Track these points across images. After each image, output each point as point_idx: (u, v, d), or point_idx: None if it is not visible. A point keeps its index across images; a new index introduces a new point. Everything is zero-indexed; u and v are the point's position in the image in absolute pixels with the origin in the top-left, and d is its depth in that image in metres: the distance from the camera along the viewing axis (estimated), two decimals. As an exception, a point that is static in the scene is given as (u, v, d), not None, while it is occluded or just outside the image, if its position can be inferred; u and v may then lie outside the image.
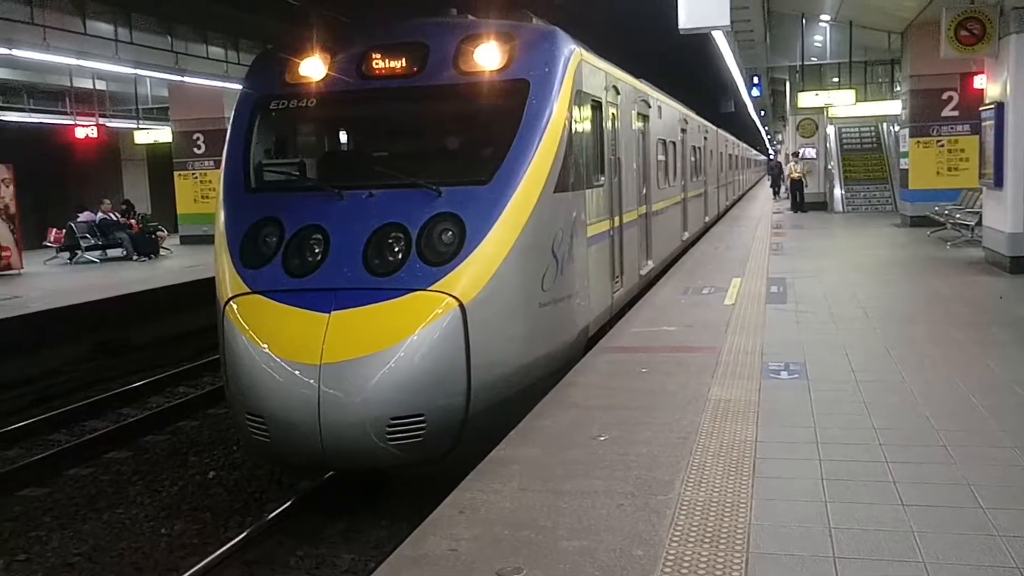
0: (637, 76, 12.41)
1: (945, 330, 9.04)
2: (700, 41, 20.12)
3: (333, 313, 6.09)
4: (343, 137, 8.31)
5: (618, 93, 10.12)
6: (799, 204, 28.74)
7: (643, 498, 4.67)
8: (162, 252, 22.36)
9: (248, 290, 6.56)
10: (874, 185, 29.83)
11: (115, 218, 22.11)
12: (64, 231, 21.42)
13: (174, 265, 19.92)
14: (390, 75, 7.44)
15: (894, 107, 25.10)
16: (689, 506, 4.54)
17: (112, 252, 21.75)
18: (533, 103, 7.19)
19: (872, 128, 31.62)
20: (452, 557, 4.10)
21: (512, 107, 7.15)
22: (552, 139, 7.17)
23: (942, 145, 21.12)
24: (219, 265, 6.96)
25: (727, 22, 9.88)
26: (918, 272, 13.84)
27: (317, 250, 6.58)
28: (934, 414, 6.01)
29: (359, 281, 6.34)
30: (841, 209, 29.07)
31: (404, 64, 7.40)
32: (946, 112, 20.95)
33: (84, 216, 21.62)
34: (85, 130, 24.83)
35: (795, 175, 29.19)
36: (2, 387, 11.84)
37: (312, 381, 5.85)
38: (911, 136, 21.48)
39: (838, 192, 29.85)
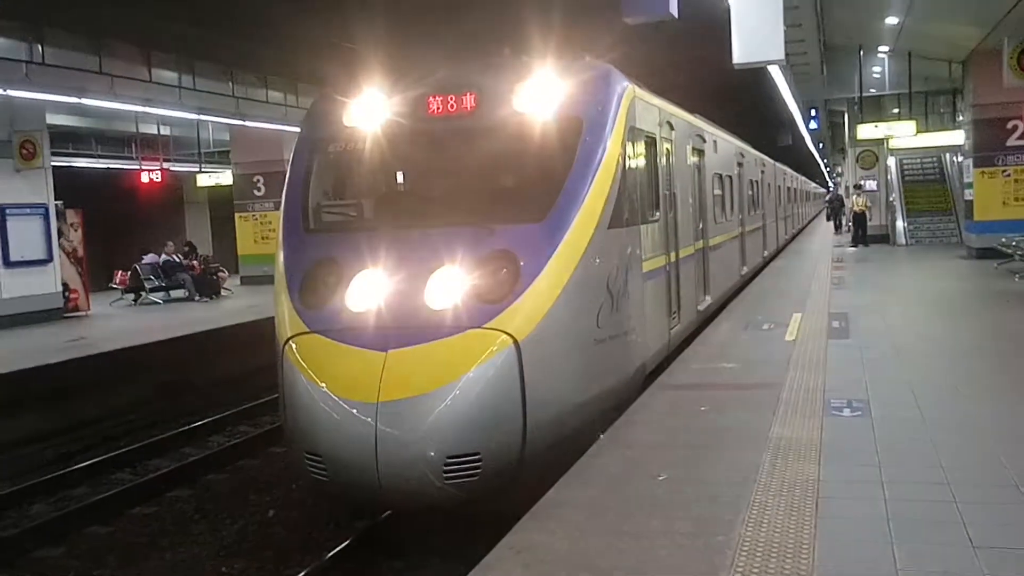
0: (692, 111, 12.39)
1: (1015, 365, 8.79)
2: (756, 75, 20.05)
3: (390, 352, 6.12)
4: (399, 178, 8.39)
5: (672, 128, 10.10)
6: (862, 238, 28.15)
7: (703, 538, 4.59)
8: (223, 292, 22.79)
9: (307, 330, 6.63)
10: (938, 217, 29.28)
11: (178, 260, 22.61)
12: (129, 273, 21.95)
13: (235, 305, 20.24)
14: (445, 116, 7.51)
15: (957, 137, 24.68)
16: (751, 546, 4.45)
17: (175, 293, 22.21)
18: (587, 141, 7.22)
19: (934, 159, 31.11)
20: (509, 598, 4.07)
21: (566, 145, 7.18)
22: (606, 176, 7.17)
23: (1008, 175, 20.69)
24: (279, 305, 7.05)
25: (781, 56, 9.85)
26: (985, 305, 13.51)
27: (374, 289, 6.63)
28: (1005, 452, 5.83)
29: (415, 319, 6.37)
30: (904, 242, 28.54)
31: (458, 105, 7.47)
32: (1011, 141, 20.56)
33: (148, 258, 22.14)
34: (150, 174, 25.53)
35: (858, 208, 28.51)
36: (70, 427, 12.10)
37: (369, 420, 5.87)
38: (975, 166, 21.08)
39: (900, 224, 29.31)
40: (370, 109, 7.66)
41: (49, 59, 16.38)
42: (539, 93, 7.27)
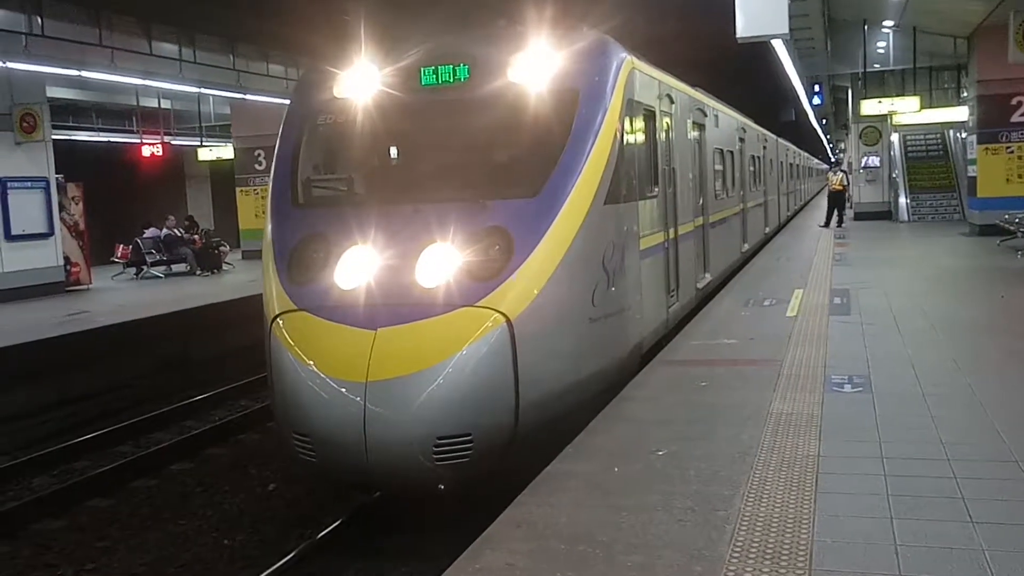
0: (693, 85, 12.29)
1: (1016, 342, 8.76)
2: (759, 50, 19.90)
3: (379, 330, 5.99)
4: (390, 151, 8.25)
5: (672, 102, 9.98)
6: (838, 217, 26.73)
7: (703, 513, 4.59)
8: (224, 267, 22.78)
9: (295, 307, 6.50)
10: (940, 193, 29.16)
11: (179, 234, 22.60)
12: (131, 247, 21.95)
13: (236, 280, 20.23)
14: (438, 88, 7.35)
15: (961, 113, 24.53)
16: (750, 521, 4.45)
17: (176, 267, 22.23)
18: (583, 113, 7.06)
19: (938, 135, 30.96)
20: (508, 572, 4.07)
21: (561, 118, 7.02)
22: (602, 150, 7.03)
23: (1012, 152, 20.60)
24: (266, 282, 6.92)
25: (786, 30, 9.76)
26: (987, 282, 13.48)
27: (364, 266, 6.48)
28: (1005, 428, 5.82)
29: (405, 297, 6.23)
30: (906, 218, 28.45)
31: (452, 76, 7.30)
32: (1015, 118, 20.46)
33: (149, 232, 22.14)
34: (151, 148, 25.48)
35: (836, 186, 27.54)
36: (71, 400, 12.12)
37: (358, 399, 5.76)
38: (979, 143, 20.99)
39: (903, 201, 29.19)
40: (361, 80, 7.48)
41: (49, 31, 16.28)
42: (534, 64, 7.09)
